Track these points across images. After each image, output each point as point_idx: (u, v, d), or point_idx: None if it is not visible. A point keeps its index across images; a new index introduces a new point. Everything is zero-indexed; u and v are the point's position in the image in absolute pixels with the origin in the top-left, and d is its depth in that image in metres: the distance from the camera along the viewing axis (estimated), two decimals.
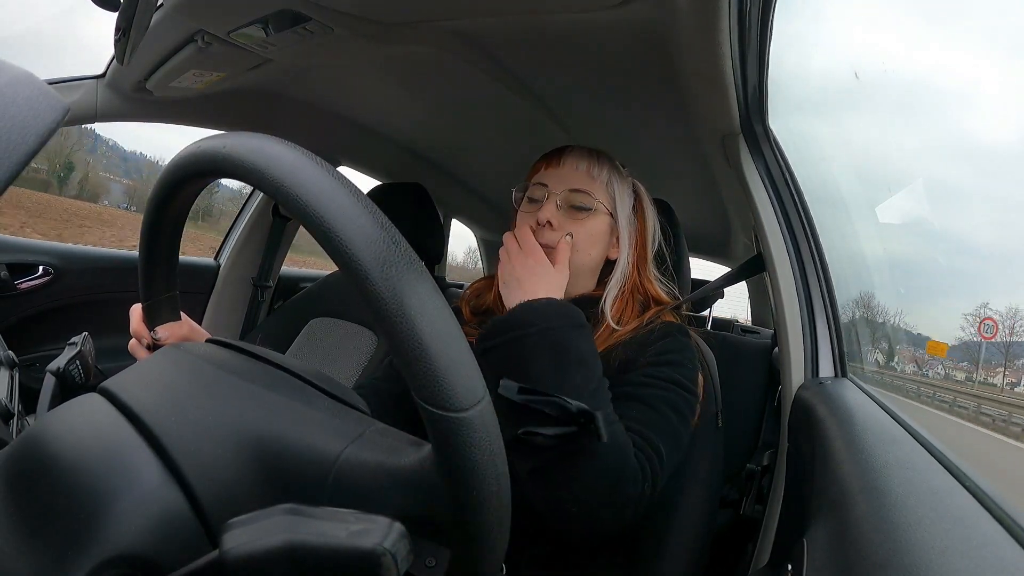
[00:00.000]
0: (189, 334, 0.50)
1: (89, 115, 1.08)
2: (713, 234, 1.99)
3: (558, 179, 0.75)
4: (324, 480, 0.29)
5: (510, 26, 0.84)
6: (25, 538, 0.27)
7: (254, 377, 0.34)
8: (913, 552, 0.31)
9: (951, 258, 13.69)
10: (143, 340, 0.50)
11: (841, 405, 0.65)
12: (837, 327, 0.86)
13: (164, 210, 0.38)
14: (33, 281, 1.30)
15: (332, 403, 0.35)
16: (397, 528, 0.24)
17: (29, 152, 0.25)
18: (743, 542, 0.93)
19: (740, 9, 0.66)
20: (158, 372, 0.36)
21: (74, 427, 0.31)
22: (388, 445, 0.31)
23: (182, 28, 0.87)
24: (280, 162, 0.29)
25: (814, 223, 0.91)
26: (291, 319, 1.41)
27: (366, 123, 1.42)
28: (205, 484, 0.29)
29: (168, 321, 0.48)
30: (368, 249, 0.27)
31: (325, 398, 0.35)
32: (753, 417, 1.25)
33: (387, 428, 0.33)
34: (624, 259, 0.76)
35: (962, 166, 22.70)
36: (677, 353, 0.68)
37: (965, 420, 2.48)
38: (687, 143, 1.12)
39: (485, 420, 0.28)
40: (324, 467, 0.29)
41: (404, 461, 0.29)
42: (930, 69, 24.31)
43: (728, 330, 1.64)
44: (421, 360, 0.26)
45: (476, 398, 0.27)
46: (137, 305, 0.48)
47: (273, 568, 0.22)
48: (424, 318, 0.27)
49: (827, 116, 1.56)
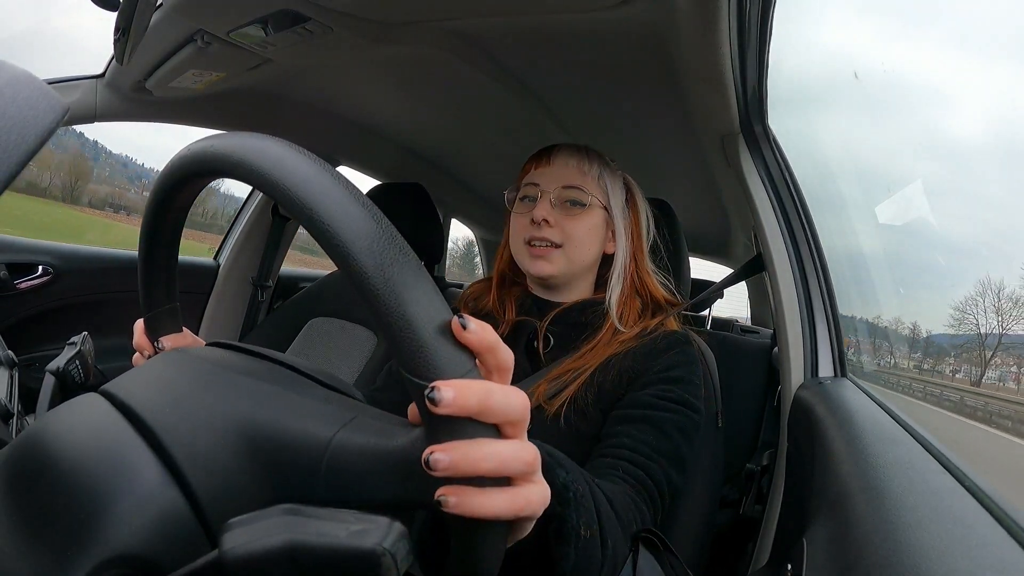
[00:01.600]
0: (192, 344, 0.50)
1: (88, 115, 1.08)
2: (713, 234, 1.99)
3: (550, 177, 0.75)
4: (318, 465, 0.29)
5: (510, 26, 0.84)
6: (24, 538, 0.27)
7: (249, 371, 0.34)
8: (913, 552, 0.31)
9: (921, 252, 13.72)
10: (146, 353, 0.49)
11: (841, 405, 0.65)
12: (837, 327, 0.86)
13: (163, 215, 0.38)
14: (33, 281, 1.30)
15: (325, 391, 0.35)
16: (397, 528, 0.24)
17: (28, 152, 0.25)
18: (743, 542, 0.93)
19: (740, 9, 0.66)
20: (156, 372, 0.36)
21: (74, 427, 0.31)
22: (380, 428, 0.31)
23: (182, 28, 0.87)
24: (279, 162, 0.29)
25: (814, 223, 0.92)
26: (291, 319, 1.41)
27: (366, 123, 1.42)
28: (204, 482, 0.29)
29: (170, 333, 0.48)
30: (367, 250, 0.27)
31: (318, 386, 0.35)
32: (753, 417, 1.25)
33: (380, 412, 0.33)
34: (622, 251, 0.76)
35: (932, 162, 22.51)
36: (684, 368, 0.68)
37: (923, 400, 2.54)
38: (687, 143, 1.12)
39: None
40: (318, 451, 0.29)
41: (396, 443, 0.29)
42: (905, 65, 24.03)
43: (728, 330, 1.64)
44: (407, 330, 0.26)
45: (464, 369, 0.27)
46: (139, 320, 0.48)
47: (273, 568, 0.22)
48: (418, 304, 0.27)
49: (827, 116, 1.56)
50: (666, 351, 0.69)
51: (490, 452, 0.27)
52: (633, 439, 0.60)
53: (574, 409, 0.66)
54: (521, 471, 0.28)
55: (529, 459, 0.28)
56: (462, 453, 0.26)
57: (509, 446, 0.27)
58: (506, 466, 0.27)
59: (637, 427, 0.61)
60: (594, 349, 0.70)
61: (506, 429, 0.28)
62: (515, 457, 0.28)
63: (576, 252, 0.73)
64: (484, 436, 0.27)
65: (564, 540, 0.39)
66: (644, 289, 0.76)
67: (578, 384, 0.67)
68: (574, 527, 0.40)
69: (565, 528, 0.39)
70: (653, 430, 0.61)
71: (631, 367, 0.68)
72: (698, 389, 0.68)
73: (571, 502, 0.40)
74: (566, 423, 0.65)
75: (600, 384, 0.67)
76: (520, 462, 0.28)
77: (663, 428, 0.62)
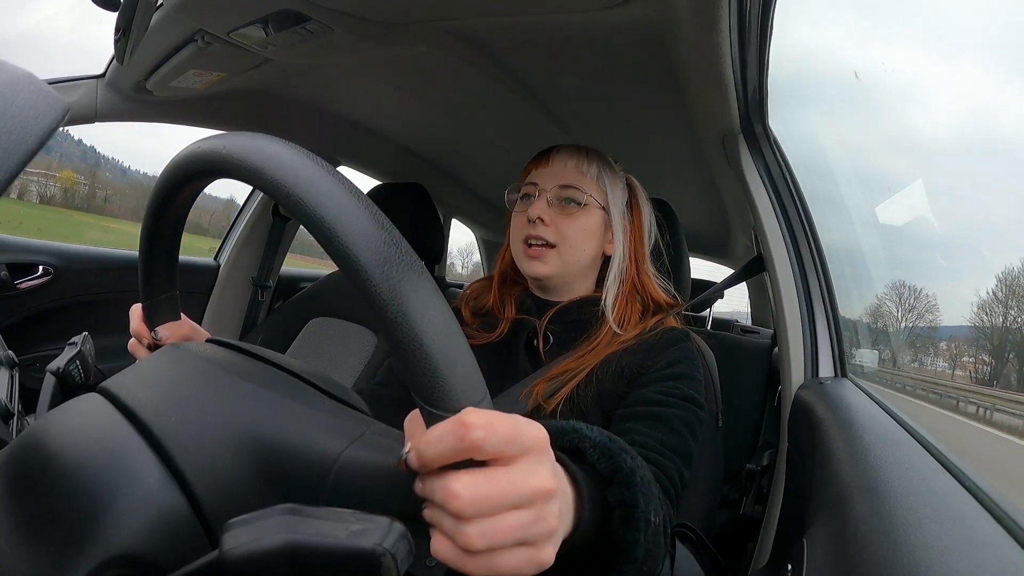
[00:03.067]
0: (190, 333, 0.50)
1: (89, 115, 1.08)
2: (713, 234, 1.99)
3: (548, 177, 0.75)
4: (324, 480, 0.29)
5: (510, 26, 0.84)
6: (25, 538, 0.27)
7: (254, 377, 0.34)
8: (913, 552, 0.31)
9: (892, 247, 13.86)
10: (143, 340, 0.49)
11: (841, 405, 0.65)
12: (837, 327, 0.86)
13: (164, 210, 0.38)
14: (33, 281, 1.30)
15: (332, 403, 0.35)
16: (397, 528, 0.24)
17: (29, 152, 0.25)
18: (743, 542, 0.93)
19: (740, 9, 0.66)
20: (158, 372, 0.36)
21: (74, 427, 0.31)
22: (388, 445, 0.31)
23: (182, 28, 0.87)
24: (280, 162, 0.28)
25: (814, 223, 0.92)
26: (291, 319, 1.41)
27: (366, 123, 1.42)
28: (205, 484, 0.29)
29: (168, 321, 0.48)
30: (368, 250, 0.27)
31: (325, 398, 0.35)
32: (753, 417, 1.25)
33: (387, 428, 0.33)
34: (619, 252, 0.76)
35: (903, 159, 22.59)
36: (686, 364, 0.68)
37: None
38: (687, 143, 1.12)
39: None
40: (324, 467, 0.29)
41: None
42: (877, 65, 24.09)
43: (728, 330, 1.64)
44: (421, 360, 0.26)
45: (476, 398, 0.27)
46: (137, 305, 0.48)
47: (273, 568, 0.22)
48: (425, 319, 0.27)
49: (827, 116, 1.56)
50: (667, 347, 0.69)
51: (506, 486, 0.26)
52: (644, 436, 0.60)
53: (572, 408, 0.66)
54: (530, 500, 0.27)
55: (542, 487, 0.28)
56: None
57: (516, 477, 0.27)
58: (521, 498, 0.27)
59: (646, 424, 0.61)
60: (594, 350, 0.70)
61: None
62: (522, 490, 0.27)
63: (570, 252, 0.73)
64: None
65: (634, 527, 0.38)
66: (644, 292, 0.76)
67: (576, 383, 0.67)
68: (643, 512, 0.38)
69: (635, 514, 0.38)
70: (662, 426, 0.61)
71: (631, 364, 0.68)
72: (700, 384, 0.68)
73: (639, 487, 0.38)
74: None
75: (600, 383, 0.67)
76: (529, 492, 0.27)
77: (671, 424, 0.62)
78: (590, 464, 0.39)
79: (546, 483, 0.27)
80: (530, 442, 0.27)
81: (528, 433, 0.27)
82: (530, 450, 0.27)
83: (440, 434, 0.26)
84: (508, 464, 0.26)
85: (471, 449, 0.25)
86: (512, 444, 0.26)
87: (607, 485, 0.39)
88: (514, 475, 0.26)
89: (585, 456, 0.39)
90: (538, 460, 0.28)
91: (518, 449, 0.26)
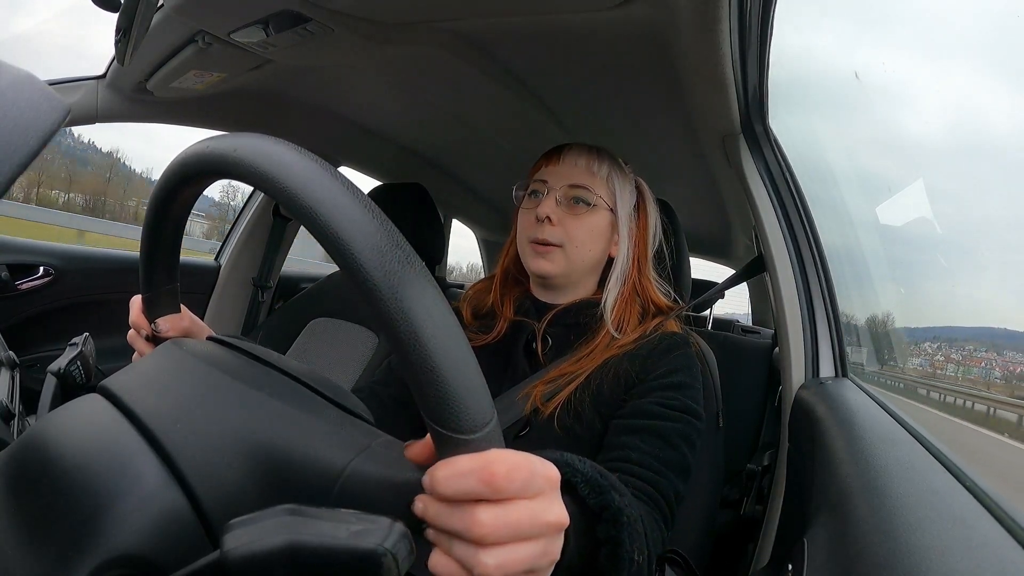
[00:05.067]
0: (190, 326, 0.50)
1: (90, 116, 1.08)
2: (713, 234, 1.99)
3: (558, 175, 0.75)
4: (329, 492, 0.29)
5: (510, 26, 0.84)
6: (26, 539, 0.27)
7: (259, 383, 0.34)
8: (913, 552, 0.31)
9: (887, 247, 13.83)
10: (142, 331, 0.49)
11: (841, 405, 0.65)
12: (837, 327, 0.86)
13: (166, 208, 0.38)
14: (34, 281, 1.30)
15: (338, 413, 0.35)
16: (398, 528, 0.24)
17: (30, 153, 0.25)
18: (743, 542, 0.93)
19: (740, 9, 0.66)
20: (160, 373, 0.36)
21: (75, 428, 0.31)
22: (394, 458, 0.31)
23: (183, 29, 0.87)
24: (282, 163, 0.28)
25: (814, 223, 0.92)
26: (291, 319, 1.41)
27: (366, 123, 1.42)
28: (206, 486, 0.29)
29: (168, 313, 0.47)
30: (372, 255, 0.26)
31: (330, 407, 0.35)
32: (754, 417, 1.25)
33: (392, 440, 0.33)
34: (623, 254, 0.75)
35: (903, 159, 22.52)
36: (685, 372, 0.68)
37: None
38: (687, 143, 1.12)
39: (492, 444, 0.28)
40: (330, 479, 0.29)
41: (411, 476, 0.29)
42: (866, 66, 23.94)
43: (729, 330, 1.64)
44: (432, 383, 0.26)
45: (485, 421, 0.27)
46: (137, 296, 0.48)
47: (274, 568, 0.22)
48: (435, 339, 0.26)
49: (827, 116, 1.56)
50: (666, 354, 0.69)
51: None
52: (640, 452, 0.59)
53: (569, 412, 0.66)
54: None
55: (556, 521, 0.29)
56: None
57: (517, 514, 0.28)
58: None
59: (642, 438, 0.61)
60: (592, 353, 0.70)
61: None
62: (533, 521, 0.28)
63: (577, 252, 0.73)
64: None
65: (618, 565, 0.39)
66: (644, 295, 0.76)
67: (574, 387, 0.67)
68: (628, 552, 0.39)
69: (620, 552, 0.39)
70: (659, 441, 0.61)
71: (630, 370, 0.68)
72: (699, 393, 0.67)
73: (624, 526, 0.40)
74: (561, 425, 0.65)
75: (598, 387, 0.67)
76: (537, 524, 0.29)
77: (669, 439, 0.61)
78: (580, 498, 0.40)
79: (560, 519, 0.30)
80: (545, 483, 0.29)
81: (543, 473, 0.29)
82: (544, 489, 0.29)
83: (463, 472, 0.27)
84: (527, 499, 0.28)
85: (494, 492, 0.27)
86: (529, 487, 0.28)
87: (596, 520, 0.40)
88: (534, 509, 0.28)
89: (576, 489, 0.40)
90: (552, 497, 0.30)
91: (534, 490, 0.28)
